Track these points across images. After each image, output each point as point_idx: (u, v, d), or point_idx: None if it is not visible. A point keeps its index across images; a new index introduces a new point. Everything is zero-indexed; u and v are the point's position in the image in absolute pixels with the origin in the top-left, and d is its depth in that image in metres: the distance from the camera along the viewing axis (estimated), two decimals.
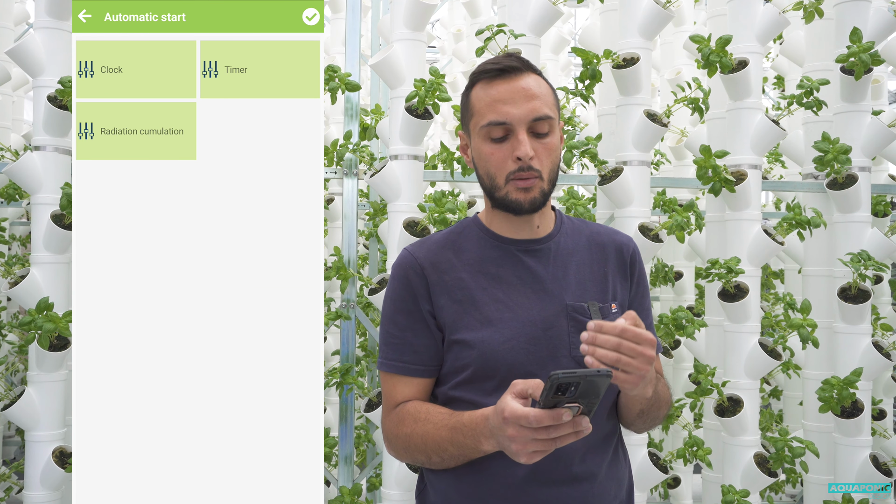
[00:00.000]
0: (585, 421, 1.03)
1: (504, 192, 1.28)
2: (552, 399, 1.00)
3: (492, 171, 1.29)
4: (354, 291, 2.75)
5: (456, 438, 1.22)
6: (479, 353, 1.27)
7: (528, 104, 1.26)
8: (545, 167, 1.28)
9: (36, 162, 2.45)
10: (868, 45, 2.57)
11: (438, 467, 1.30)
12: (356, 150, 2.72)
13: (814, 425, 2.88)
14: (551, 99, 1.31)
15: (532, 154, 1.25)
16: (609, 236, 1.41)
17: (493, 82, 1.29)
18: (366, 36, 3.90)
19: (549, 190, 1.30)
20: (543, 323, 1.28)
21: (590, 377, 0.98)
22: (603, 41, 2.96)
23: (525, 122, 1.26)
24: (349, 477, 2.72)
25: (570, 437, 1.04)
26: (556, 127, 1.30)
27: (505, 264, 1.33)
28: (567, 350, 1.28)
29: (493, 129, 1.27)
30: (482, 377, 1.27)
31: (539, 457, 1.07)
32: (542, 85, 1.30)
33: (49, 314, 2.31)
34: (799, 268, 3.28)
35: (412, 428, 1.28)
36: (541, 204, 1.29)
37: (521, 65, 1.29)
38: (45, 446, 2.43)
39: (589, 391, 0.99)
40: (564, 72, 4.39)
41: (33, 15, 2.56)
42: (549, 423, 1.01)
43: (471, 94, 1.33)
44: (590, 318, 1.28)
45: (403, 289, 1.34)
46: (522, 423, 1.03)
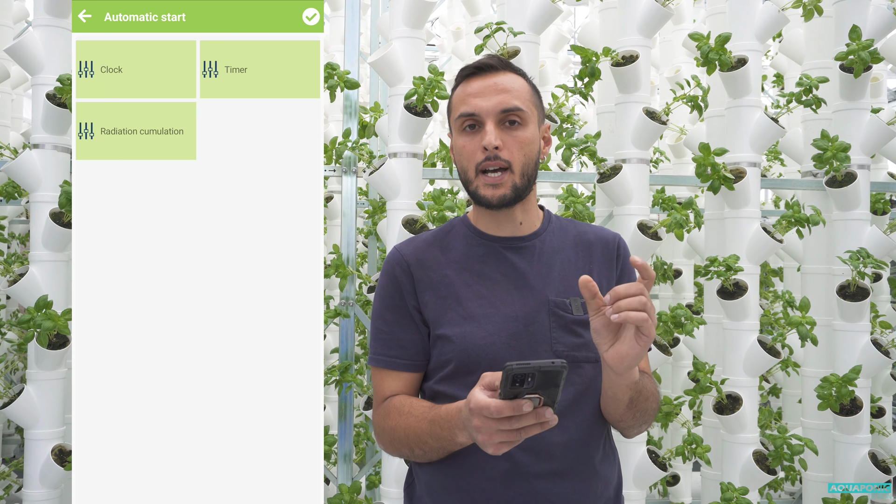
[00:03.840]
0: (549, 412, 1.03)
1: (475, 187, 1.31)
2: (512, 390, 1.01)
3: (464, 163, 1.32)
4: (353, 289, 2.75)
5: (434, 431, 1.24)
6: (460, 348, 1.29)
7: (497, 97, 1.29)
8: (516, 159, 1.29)
9: (35, 160, 2.45)
10: (867, 42, 2.57)
11: (422, 460, 1.33)
12: (355, 148, 2.72)
13: (813, 423, 2.89)
14: (526, 95, 1.33)
15: (497, 143, 1.27)
16: (596, 234, 1.42)
17: (471, 80, 1.33)
18: (365, 34, 3.90)
19: (521, 185, 1.31)
20: (525, 318, 1.30)
21: (544, 368, 0.99)
22: (602, 39, 2.96)
23: (493, 113, 1.29)
24: (348, 475, 2.72)
25: (534, 428, 1.04)
26: (531, 122, 1.32)
27: (489, 261, 1.35)
28: (549, 345, 1.29)
29: (465, 121, 1.31)
30: (464, 372, 1.29)
31: (506, 448, 1.08)
32: (517, 81, 1.33)
33: (48, 312, 2.31)
34: (798, 265, 3.28)
35: (396, 421, 1.31)
36: (511, 200, 1.31)
37: (498, 64, 1.33)
38: (45, 444, 2.43)
39: (546, 383, 1.00)
40: (564, 70, 4.39)
41: (32, 13, 2.56)
42: (510, 413, 1.02)
43: (453, 94, 1.37)
44: (572, 314, 1.30)
45: (391, 285, 1.37)
46: (485, 413, 1.04)
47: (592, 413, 1.33)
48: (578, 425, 1.30)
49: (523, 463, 1.26)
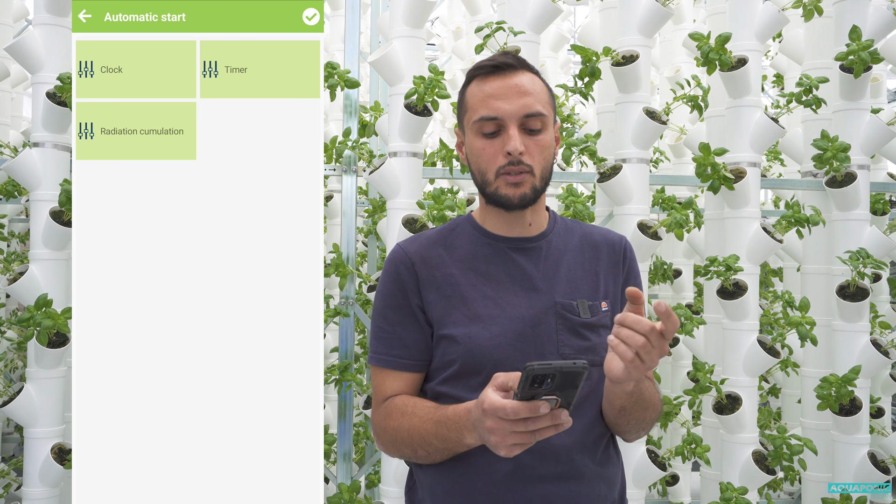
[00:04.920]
0: (564, 414, 1.02)
1: (494, 188, 1.29)
2: (529, 391, 1.00)
3: (483, 166, 1.30)
4: (353, 289, 2.75)
5: (440, 432, 1.22)
6: (465, 349, 1.28)
7: (520, 100, 1.27)
8: (537, 163, 1.28)
9: (35, 158, 2.45)
10: (867, 42, 2.57)
11: (425, 461, 1.30)
12: (355, 147, 2.72)
13: (812, 423, 2.89)
14: (545, 97, 1.31)
15: (522, 149, 1.25)
16: (602, 235, 1.41)
17: (488, 79, 1.30)
18: (365, 33, 3.90)
19: (540, 187, 1.30)
20: (532, 320, 1.29)
21: (565, 370, 0.98)
22: (602, 39, 2.96)
23: (516, 117, 1.26)
24: (348, 474, 2.72)
25: (548, 430, 1.03)
26: (550, 125, 1.31)
27: (495, 261, 1.34)
28: (555, 347, 1.28)
29: (485, 125, 1.28)
30: (468, 373, 1.28)
31: (519, 450, 1.06)
32: (536, 83, 1.30)
33: (48, 311, 2.31)
34: (798, 266, 3.29)
35: (399, 422, 1.29)
36: (531, 200, 1.30)
37: (516, 62, 1.30)
38: (44, 443, 2.44)
39: (565, 384, 0.99)
40: (564, 69, 4.39)
41: (32, 11, 2.56)
42: (527, 414, 1.01)
43: (466, 91, 1.34)
44: (579, 316, 1.30)
45: (394, 283, 1.35)
46: (500, 414, 1.03)
47: (597, 416, 1.32)
48: (583, 428, 1.29)
49: (527, 465, 1.25)
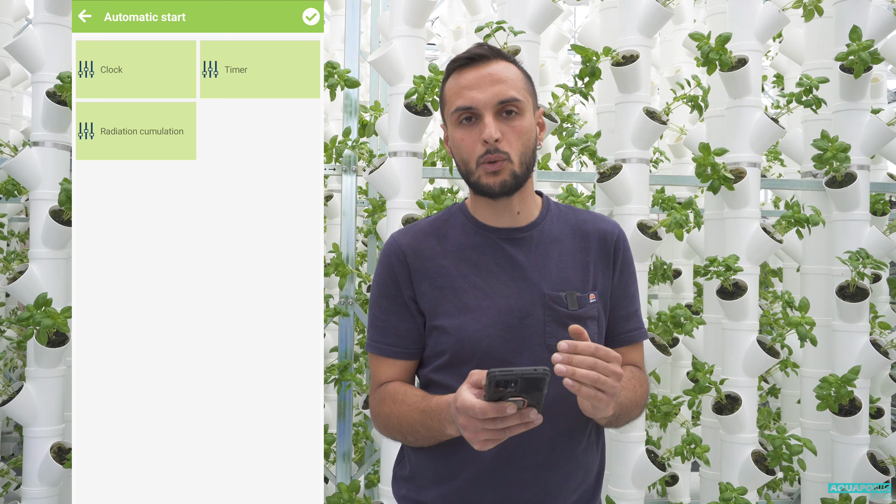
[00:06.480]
0: (533, 413, 1.06)
1: (476, 177, 1.31)
2: (496, 393, 1.04)
3: (464, 156, 1.32)
4: (353, 288, 2.75)
5: (425, 421, 1.27)
6: (455, 340, 1.31)
7: (493, 88, 1.29)
8: (514, 149, 1.29)
9: (35, 157, 2.45)
10: (867, 43, 2.57)
11: (415, 445, 1.37)
12: (355, 147, 2.72)
13: (812, 423, 2.89)
14: (521, 83, 1.32)
15: (498, 136, 1.27)
16: (594, 224, 1.42)
17: (463, 71, 1.32)
18: (365, 33, 3.90)
19: (521, 172, 1.31)
20: (520, 311, 1.31)
21: (527, 375, 1.01)
22: (602, 38, 2.96)
23: (490, 105, 1.28)
24: (347, 473, 2.72)
25: (518, 427, 1.08)
26: (527, 110, 1.32)
27: (486, 252, 1.36)
28: (542, 339, 1.30)
29: (462, 114, 1.31)
30: (459, 362, 1.31)
31: (491, 444, 1.11)
32: (510, 70, 1.32)
33: (47, 310, 2.31)
34: (797, 266, 3.29)
35: (391, 408, 1.34)
36: (512, 186, 1.31)
37: (489, 53, 1.32)
38: (44, 442, 2.44)
39: (529, 388, 1.03)
40: (564, 69, 4.39)
41: (32, 10, 2.56)
42: (494, 415, 1.06)
43: (445, 85, 1.36)
44: (567, 308, 1.31)
45: (387, 274, 1.38)
46: (469, 413, 1.08)
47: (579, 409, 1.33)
48: (566, 419, 1.31)
49: (512, 454, 1.30)
